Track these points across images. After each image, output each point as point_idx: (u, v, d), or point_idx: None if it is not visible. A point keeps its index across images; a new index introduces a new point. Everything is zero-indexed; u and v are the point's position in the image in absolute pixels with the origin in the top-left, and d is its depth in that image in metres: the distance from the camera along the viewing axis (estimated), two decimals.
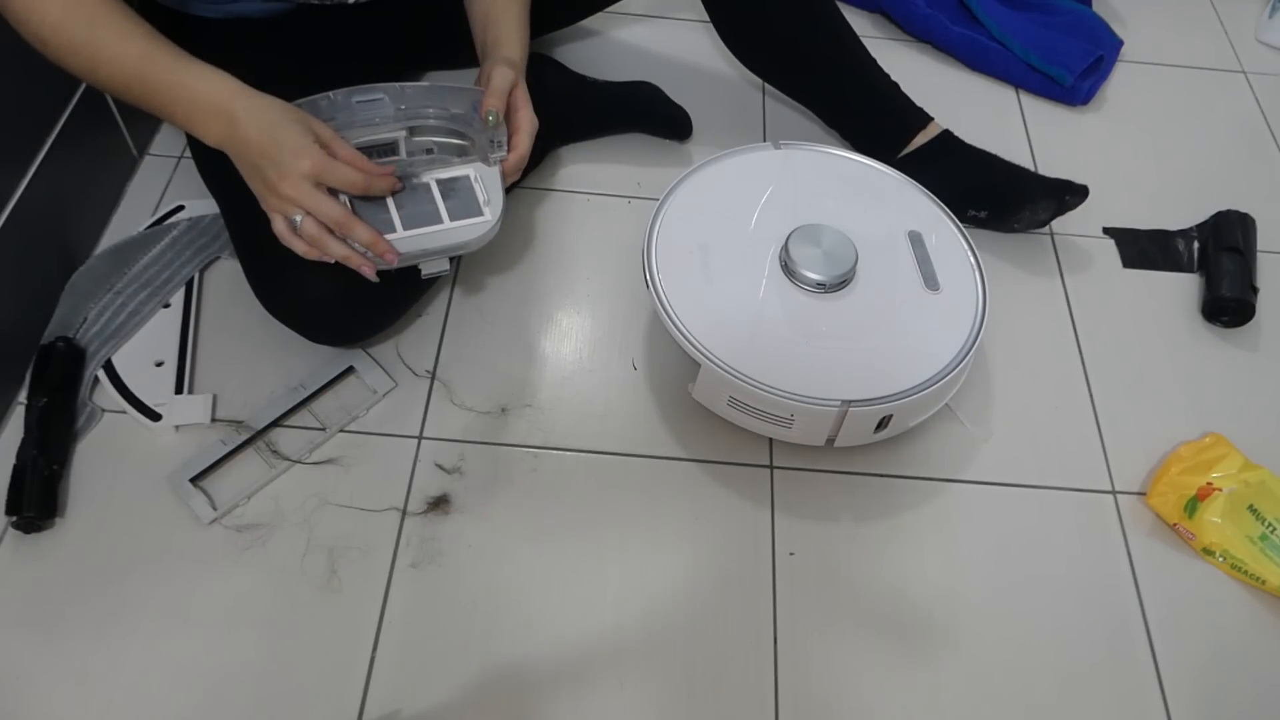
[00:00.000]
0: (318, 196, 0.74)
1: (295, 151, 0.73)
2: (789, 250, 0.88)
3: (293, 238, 0.76)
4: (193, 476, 0.85)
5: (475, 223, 0.83)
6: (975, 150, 1.08)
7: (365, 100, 0.84)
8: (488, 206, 0.84)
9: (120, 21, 0.73)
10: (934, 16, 1.32)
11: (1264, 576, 0.85)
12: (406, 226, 0.81)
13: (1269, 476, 0.89)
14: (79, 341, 0.91)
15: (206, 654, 0.76)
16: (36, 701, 0.74)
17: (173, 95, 0.74)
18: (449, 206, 0.83)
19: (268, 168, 0.74)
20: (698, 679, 0.78)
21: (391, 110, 0.84)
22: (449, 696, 0.76)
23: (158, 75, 0.74)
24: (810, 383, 0.81)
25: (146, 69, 0.73)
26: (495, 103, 0.82)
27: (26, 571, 0.80)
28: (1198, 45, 1.42)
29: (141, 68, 0.73)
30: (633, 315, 1.01)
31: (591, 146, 1.17)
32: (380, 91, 0.84)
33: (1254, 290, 1.05)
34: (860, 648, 0.81)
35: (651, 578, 0.83)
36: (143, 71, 0.73)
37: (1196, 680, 0.81)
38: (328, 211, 0.75)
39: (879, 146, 1.07)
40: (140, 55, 0.73)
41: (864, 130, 1.09)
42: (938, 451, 0.93)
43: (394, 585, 0.81)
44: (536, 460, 0.89)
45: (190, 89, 0.74)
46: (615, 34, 1.30)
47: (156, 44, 0.74)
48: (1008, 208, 1.07)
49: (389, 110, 0.84)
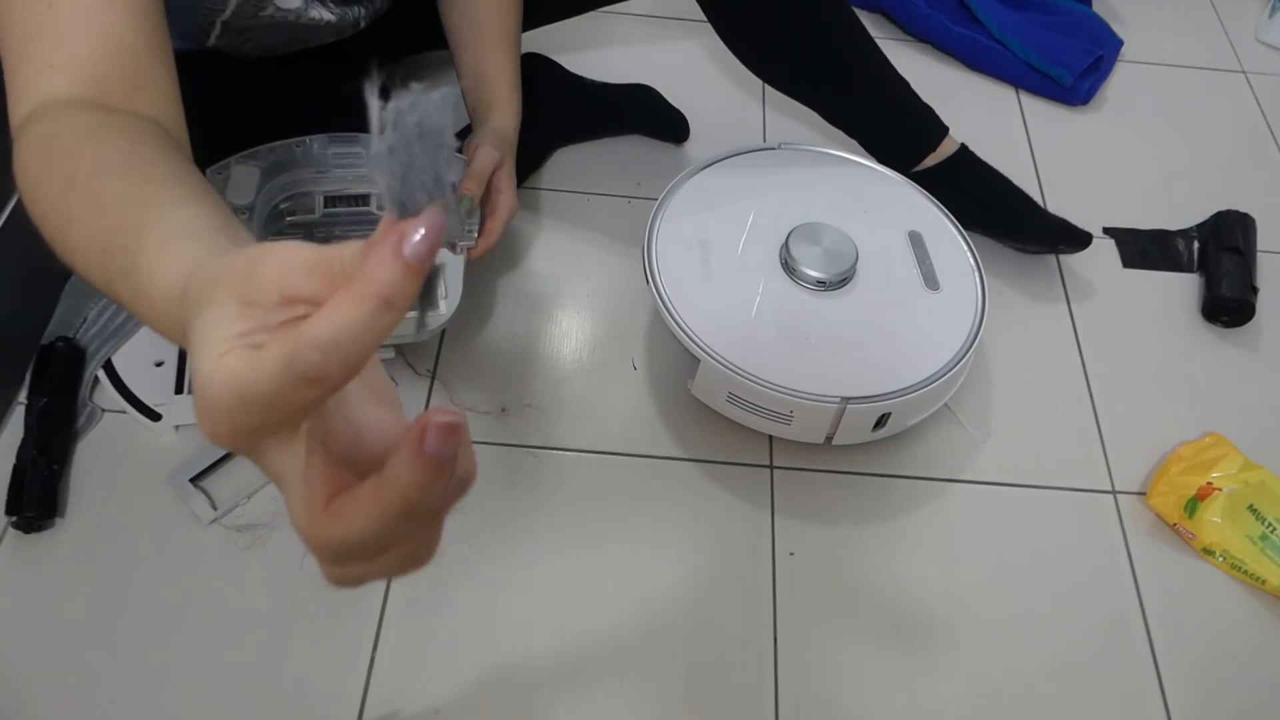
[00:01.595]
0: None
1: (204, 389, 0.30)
2: (789, 248, 0.88)
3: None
4: (193, 476, 0.84)
5: (429, 315, 0.78)
6: (987, 175, 1.05)
7: (342, 152, 0.81)
8: (444, 300, 0.79)
9: (103, 181, 0.46)
10: (934, 16, 1.32)
11: (1264, 576, 0.85)
12: None
13: (1269, 476, 0.89)
14: (79, 341, 0.91)
15: (206, 654, 0.76)
16: (36, 701, 0.74)
17: (132, 297, 0.41)
18: None
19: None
20: (698, 679, 0.78)
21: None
22: (449, 696, 0.76)
23: (117, 270, 0.42)
24: (809, 379, 0.82)
25: (109, 255, 0.43)
26: (473, 187, 0.77)
27: (26, 571, 0.80)
28: (1198, 45, 1.42)
29: (104, 255, 0.43)
30: (633, 315, 1.01)
31: (591, 147, 1.17)
32: (360, 144, 0.81)
33: (1254, 290, 1.05)
34: (860, 648, 0.81)
35: (651, 578, 0.83)
36: (104, 258, 0.43)
37: (1196, 680, 0.81)
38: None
39: (892, 160, 1.04)
40: (108, 231, 0.43)
41: (878, 143, 1.05)
42: (938, 451, 0.93)
43: (394, 585, 0.81)
44: (536, 460, 0.89)
45: (148, 292, 0.39)
46: (615, 34, 1.30)
47: (127, 215, 0.43)
48: (1001, 237, 1.06)
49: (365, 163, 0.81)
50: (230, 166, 0.84)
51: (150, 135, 0.51)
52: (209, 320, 0.30)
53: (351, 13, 0.86)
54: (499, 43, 0.91)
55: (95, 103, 0.52)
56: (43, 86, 0.52)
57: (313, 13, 0.81)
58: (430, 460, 0.27)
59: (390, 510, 0.28)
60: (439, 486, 0.28)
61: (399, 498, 0.28)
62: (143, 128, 0.51)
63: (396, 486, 0.28)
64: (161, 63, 0.55)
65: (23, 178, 0.51)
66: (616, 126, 1.17)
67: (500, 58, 0.90)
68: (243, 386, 0.27)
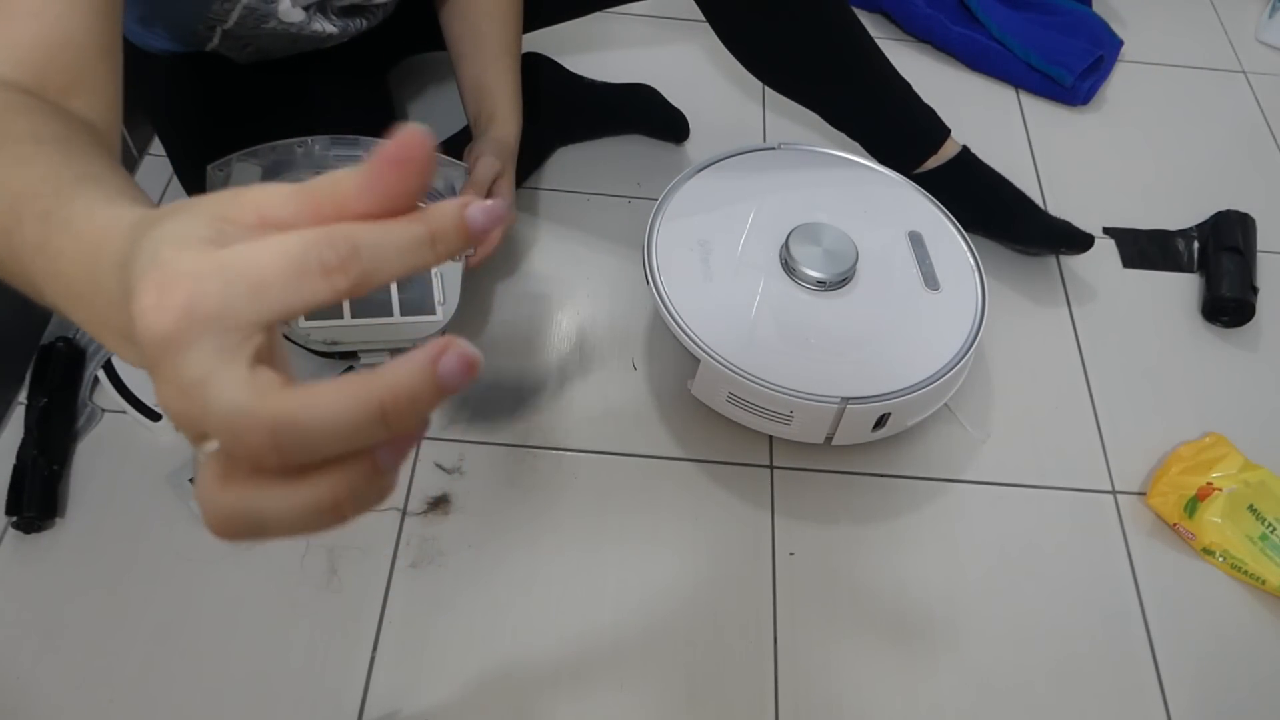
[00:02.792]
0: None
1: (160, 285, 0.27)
2: (789, 248, 0.88)
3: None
4: (193, 476, 0.84)
5: (424, 321, 0.78)
6: (988, 177, 1.05)
7: (343, 154, 0.80)
8: (441, 306, 0.79)
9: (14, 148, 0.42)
10: (934, 16, 1.32)
11: (1264, 576, 0.85)
12: (355, 314, 0.76)
13: (1269, 476, 0.89)
14: (79, 341, 0.91)
15: (206, 654, 0.76)
16: (36, 701, 0.74)
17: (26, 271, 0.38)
18: (402, 300, 0.77)
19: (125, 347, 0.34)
20: (698, 679, 0.78)
21: None
22: (449, 696, 0.76)
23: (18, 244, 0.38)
24: (809, 379, 0.81)
25: (38, 188, 0.38)
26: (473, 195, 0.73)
27: (26, 571, 0.80)
28: (1198, 45, 1.42)
29: (30, 187, 0.38)
30: (633, 315, 1.01)
31: (591, 147, 1.17)
32: (361, 147, 0.81)
33: (1254, 290, 1.05)
34: (860, 648, 0.81)
35: (651, 578, 0.83)
36: (25, 191, 0.38)
37: (1196, 679, 0.81)
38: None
39: (894, 162, 1.03)
40: (39, 175, 0.39)
41: (880, 146, 1.05)
42: (938, 451, 0.93)
43: (394, 585, 0.81)
44: (536, 460, 0.89)
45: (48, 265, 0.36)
46: (615, 34, 1.30)
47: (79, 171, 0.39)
48: (1003, 240, 1.07)
49: None
50: (231, 164, 0.84)
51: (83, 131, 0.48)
52: (173, 226, 0.26)
53: (354, 24, 0.86)
54: (501, 53, 0.91)
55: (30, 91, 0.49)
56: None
57: (315, 25, 0.81)
58: (435, 377, 0.25)
59: (367, 408, 0.25)
60: (424, 409, 0.26)
61: (383, 397, 0.25)
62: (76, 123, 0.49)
63: (387, 385, 0.25)
64: (107, 65, 0.53)
65: None
66: (616, 126, 1.17)
67: (502, 68, 0.89)
68: (239, 265, 0.25)
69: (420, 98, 1.20)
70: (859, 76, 1.00)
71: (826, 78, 1.00)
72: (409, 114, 1.18)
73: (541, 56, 1.17)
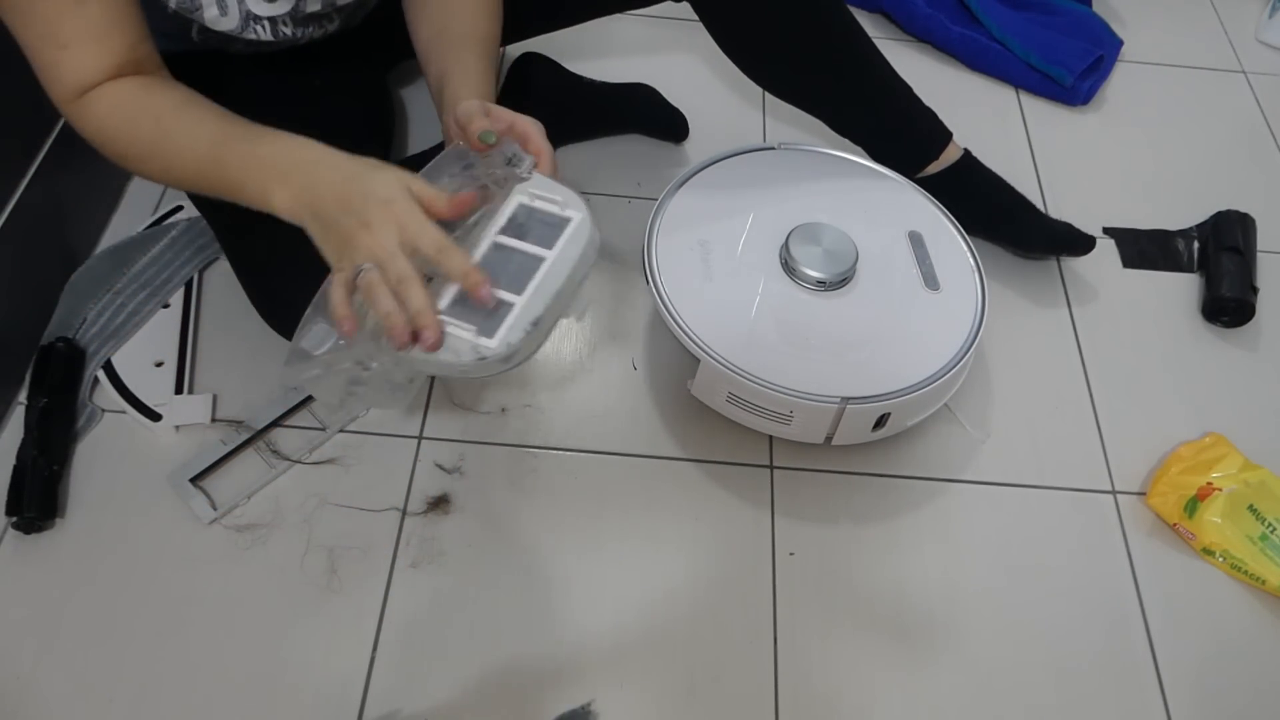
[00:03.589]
0: (397, 253, 0.62)
1: (384, 201, 0.62)
2: (789, 248, 0.88)
3: (344, 303, 0.63)
4: (193, 476, 0.85)
5: (579, 223, 0.66)
6: (989, 182, 1.05)
7: None
8: (569, 208, 0.67)
9: (187, 109, 0.70)
10: (934, 16, 1.32)
11: (1264, 576, 0.85)
12: (509, 288, 0.64)
13: (1269, 476, 0.89)
14: (79, 342, 0.91)
15: (206, 654, 0.76)
16: (36, 701, 0.74)
17: (243, 166, 0.68)
18: (533, 240, 0.66)
19: (346, 218, 0.63)
20: (698, 679, 0.78)
21: None
22: (449, 696, 0.76)
23: (230, 154, 0.68)
24: (809, 379, 0.82)
25: (220, 151, 0.68)
26: (481, 123, 0.71)
27: (26, 571, 0.80)
28: (1198, 45, 1.42)
29: (215, 151, 0.68)
30: (633, 315, 1.01)
31: (591, 146, 1.17)
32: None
33: (1254, 290, 1.05)
34: (860, 648, 0.81)
35: (651, 578, 0.83)
36: (217, 155, 0.68)
37: (1196, 680, 0.81)
38: (413, 257, 0.62)
39: (895, 166, 1.02)
40: (212, 138, 0.68)
41: (881, 150, 1.04)
42: (937, 452, 0.93)
43: (394, 585, 0.81)
44: (536, 460, 0.90)
45: (261, 156, 0.67)
46: (615, 34, 1.30)
47: (228, 122, 0.69)
48: (1004, 243, 1.07)
49: None
50: None
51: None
52: (394, 171, 0.65)
53: (304, 32, 0.84)
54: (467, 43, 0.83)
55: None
56: (90, 64, 0.68)
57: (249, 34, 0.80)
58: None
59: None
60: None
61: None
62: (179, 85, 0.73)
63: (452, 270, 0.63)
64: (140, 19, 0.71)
65: (103, 128, 0.70)
66: (616, 126, 1.17)
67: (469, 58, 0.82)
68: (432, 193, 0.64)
69: (420, 98, 1.19)
70: (858, 82, 0.99)
71: (825, 83, 0.99)
72: (409, 114, 1.18)
73: (539, 56, 1.17)
